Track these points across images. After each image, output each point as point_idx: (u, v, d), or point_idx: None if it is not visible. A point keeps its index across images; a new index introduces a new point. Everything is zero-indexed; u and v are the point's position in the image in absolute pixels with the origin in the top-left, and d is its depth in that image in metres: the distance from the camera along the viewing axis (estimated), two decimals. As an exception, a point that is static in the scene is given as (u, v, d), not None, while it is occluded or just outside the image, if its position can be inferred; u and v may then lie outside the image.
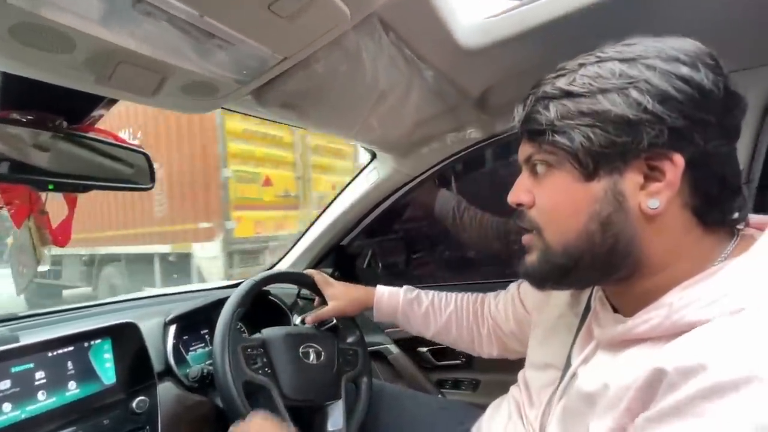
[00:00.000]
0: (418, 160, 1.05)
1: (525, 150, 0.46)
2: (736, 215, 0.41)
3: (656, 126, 0.37)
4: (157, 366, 0.79)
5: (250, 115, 0.70)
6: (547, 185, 0.44)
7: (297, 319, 1.15)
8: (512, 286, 0.78)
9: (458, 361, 1.22)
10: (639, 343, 0.40)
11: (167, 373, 0.82)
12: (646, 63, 0.38)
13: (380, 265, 1.52)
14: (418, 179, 1.13)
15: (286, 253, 1.35)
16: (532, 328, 0.65)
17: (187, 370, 0.82)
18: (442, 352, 1.23)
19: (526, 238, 0.48)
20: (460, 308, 0.82)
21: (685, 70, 0.37)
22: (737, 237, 0.41)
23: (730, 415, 0.29)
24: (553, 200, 0.44)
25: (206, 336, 0.97)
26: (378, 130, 0.75)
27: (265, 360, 0.75)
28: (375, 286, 0.88)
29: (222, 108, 0.62)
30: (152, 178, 0.71)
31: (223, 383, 0.68)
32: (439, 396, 1.21)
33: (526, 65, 0.70)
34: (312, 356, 0.80)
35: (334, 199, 1.26)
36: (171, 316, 0.89)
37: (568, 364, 0.50)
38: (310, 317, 0.87)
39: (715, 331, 0.33)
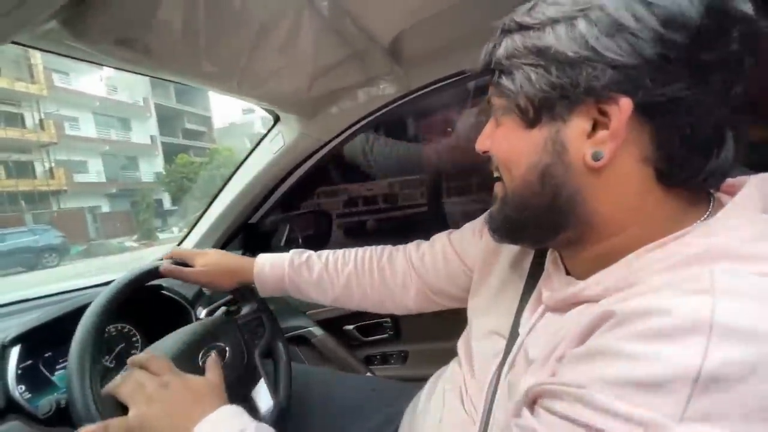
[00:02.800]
0: (327, 122, 0.91)
1: (489, 92, 0.42)
2: (706, 178, 0.34)
3: (597, 65, 0.32)
4: (-5, 403, 0.60)
5: (69, 57, 0.48)
6: (498, 132, 0.41)
7: (202, 313, 1.00)
8: (438, 238, 0.70)
9: (385, 335, 1.19)
10: (588, 303, 0.36)
11: (11, 409, 0.63)
12: None
13: (300, 240, 1.40)
14: (331, 144, 1.00)
15: (185, 237, 1.15)
16: (473, 290, 0.59)
17: (38, 404, 0.64)
18: (369, 327, 1.19)
19: (495, 185, 0.45)
20: (361, 266, 0.72)
21: None
22: (713, 202, 0.36)
23: (653, 360, 0.26)
24: (501, 148, 0.41)
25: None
26: (267, 81, 0.60)
27: None
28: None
29: (18, 43, 0.42)
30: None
31: (81, 406, 0.52)
32: (370, 375, 1.16)
33: (446, 3, 0.60)
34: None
35: (235, 171, 1.07)
36: (12, 336, 0.68)
37: (515, 334, 0.45)
38: (165, 263, 0.69)
39: (674, 285, 0.30)
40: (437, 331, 1.05)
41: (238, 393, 0.66)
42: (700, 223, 0.34)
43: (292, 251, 0.74)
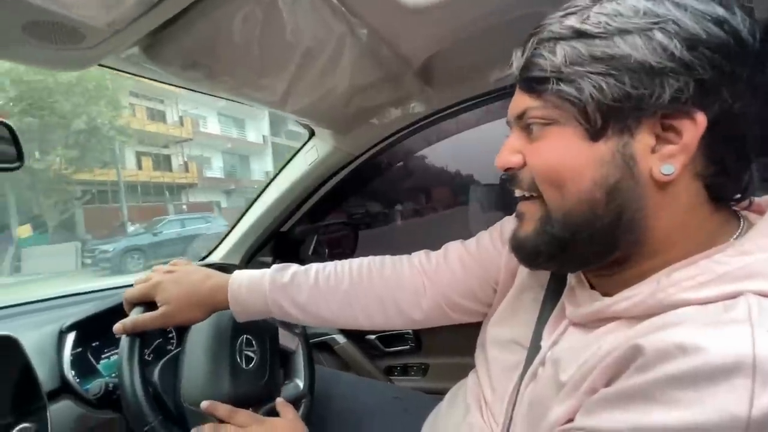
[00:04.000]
0: (359, 138, 0.97)
1: (520, 104, 0.39)
2: (743, 195, 0.36)
3: (682, 77, 0.31)
4: (50, 383, 0.66)
5: (143, 77, 0.56)
6: (544, 145, 0.37)
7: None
8: (451, 247, 0.63)
9: (407, 346, 1.20)
10: (614, 320, 0.36)
11: (65, 390, 0.69)
12: (675, 0, 0.32)
13: (327, 251, 1.44)
14: (361, 158, 1.06)
15: (219, 244, 1.22)
16: (496, 299, 0.58)
17: (89, 386, 0.70)
18: (391, 338, 1.21)
19: (523, 206, 0.42)
20: (358, 277, 0.61)
21: (721, 12, 0.31)
22: (744, 221, 0.36)
23: (692, 406, 0.25)
24: (550, 161, 0.37)
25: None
26: (308, 98, 0.66)
27: None
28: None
29: (103, 66, 0.49)
30: (20, 155, 0.56)
31: (131, 398, 0.57)
32: (393, 384, 1.18)
33: (475, 29, 0.64)
34: (247, 356, 0.70)
35: (271, 181, 1.14)
36: (69, 323, 0.75)
37: (537, 346, 0.45)
38: (119, 326, 0.59)
39: (704, 312, 0.30)
40: (459, 345, 1.05)
41: (271, 382, 0.70)
42: (732, 241, 0.34)
43: (272, 267, 0.61)
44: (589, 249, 0.37)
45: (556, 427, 0.35)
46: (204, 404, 0.58)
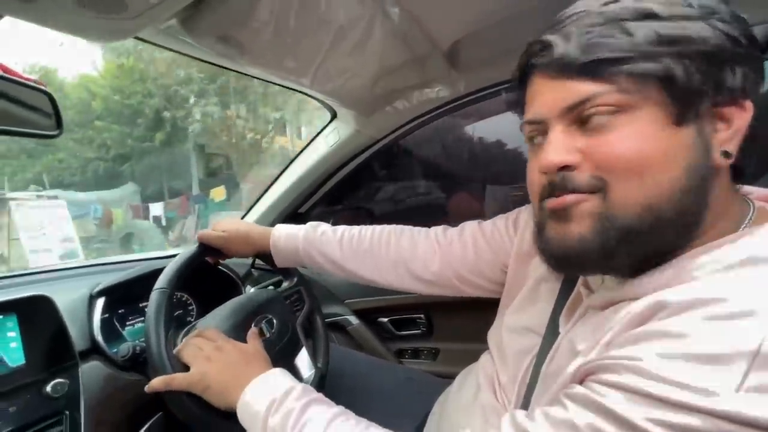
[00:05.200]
0: (382, 120, 0.96)
1: (574, 92, 0.35)
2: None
3: (746, 64, 0.33)
4: (81, 344, 0.69)
5: (176, 51, 0.57)
6: (616, 135, 0.34)
7: (251, 290, 1.08)
8: (467, 225, 0.67)
9: (418, 331, 1.22)
10: (635, 300, 0.36)
11: (94, 351, 0.73)
12: None
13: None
14: (382, 142, 1.06)
15: (249, 210, 1.23)
16: (507, 287, 0.60)
17: (117, 349, 0.73)
18: (403, 321, 1.22)
19: (567, 200, 0.36)
20: (378, 238, 0.70)
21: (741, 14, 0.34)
22: (753, 207, 0.37)
23: (711, 338, 0.27)
24: (633, 150, 0.33)
25: (146, 309, 0.88)
26: (337, 78, 0.66)
27: None
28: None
29: (139, 39, 0.50)
30: (59, 123, 0.58)
31: (156, 358, 0.60)
32: (405, 365, 1.20)
33: (507, 12, 0.63)
34: (265, 329, 0.73)
35: (291, 162, 1.15)
36: (99, 288, 0.79)
37: (555, 331, 0.46)
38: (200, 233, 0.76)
39: (727, 279, 0.31)
40: (470, 330, 1.06)
41: (283, 360, 0.71)
42: (754, 228, 0.34)
43: (308, 224, 0.75)
44: (675, 237, 0.35)
45: (569, 378, 0.36)
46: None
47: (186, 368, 0.58)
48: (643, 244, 0.35)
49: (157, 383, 0.56)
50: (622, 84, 0.33)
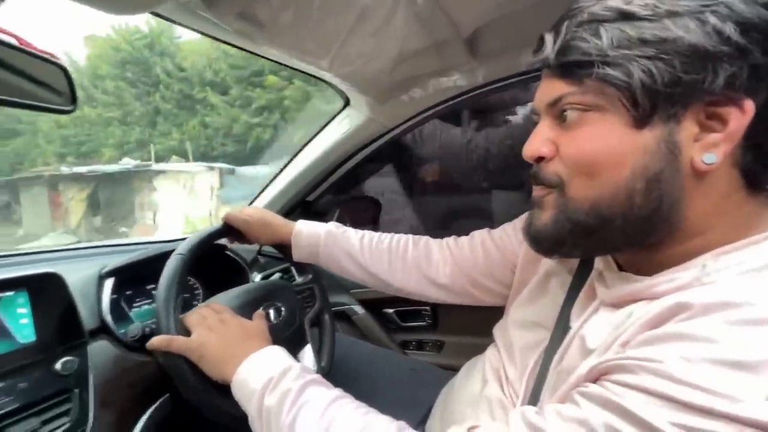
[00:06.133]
0: (396, 109, 0.95)
1: (553, 90, 0.37)
2: None
3: (736, 62, 0.30)
4: (90, 323, 0.69)
5: (193, 29, 0.55)
6: (581, 133, 0.36)
7: (257, 277, 1.08)
8: (477, 232, 0.70)
9: (423, 323, 1.22)
10: (651, 300, 0.35)
11: (103, 330, 0.72)
12: None
13: (348, 225, 1.45)
14: (394, 132, 1.04)
15: (257, 197, 1.23)
16: (515, 286, 0.61)
17: (126, 329, 0.73)
18: (408, 313, 1.22)
19: (538, 192, 0.41)
20: (396, 245, 0.72)
21: None
22: None
23: (738, 343, 0.27)
24: (589, 149, 0.35)
25: (153, 292, 0.87)
26: (356, 61, 0.65)
27: None
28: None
29: (155, 14, 0.49)
30: (74, 98, 0.57)
31: (164, 319, 0.60)
32: (409, 356, 1.20)
33: (529, 1, 0.62)
34: (273, 315, 0.73)
35: (302, 148, 1.14)
36: (108, 269, 0.79)
37: (565, 326, 0.45)
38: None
39: (752, 283, 0.30)
40: (475, 325, 1.05)
41: (295, 329, 0.73)
42: None
43: (331, 223, 0.77)
44: (622, 236, 0.37)
45: (582, 378, 0.35)
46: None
47: (189, 334, 0.59)
48: (591, 237, 0.38)
49: (157, 341, 0.57)
50: (589, 86, 0.35)
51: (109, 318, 0.73)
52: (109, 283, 0.77)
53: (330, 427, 0.42)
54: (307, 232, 0.75)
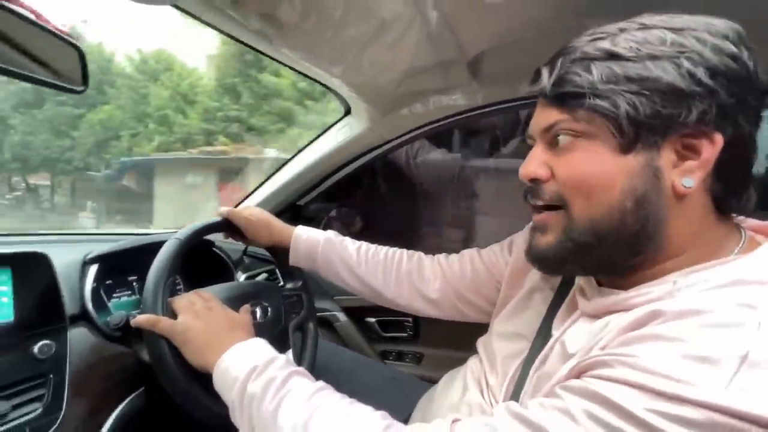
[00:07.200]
0: (395, 122, 0.98)
1: (547, 117, 0.42)
2: (743, 208, 0.41)
3: (706, 100, 0.35)
4: (70, 308, 0.67)
5: (211, 26, 0.57)
6: (573, 156, 0.40)
7: (242, 277, 1.07)
8: (467, 251, 0.74)
9: (405, 334, 1.22)
10: (628, 311, 0.39)
11: (83, 317, 0.70)
12: (695, 35, 0.36)
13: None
14: (392, 143, 1.07)
15: (242, 201, 1.23)
16: (500, 302, 0.63)
17: (108, 317, 0.71)
18: (390, 323, 1.23)
19: (542, 217, 0.44)
20: (391, 258, 0.75)
21: (733, 48, 0.36)
22: (744, 235, 0.41)
23: (705, 341, 0.30)
24: (582, 172, 0.40)
25: (134, 283, 0.86)
26: (367, 72, 0.67)
27: None
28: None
29: (177, 8, 0.50)
30: (85, 79, 0.58)
31: (151, 298, 0.60)
32: (390, 366, 1.20)
33: (533, 31, 0.67)
34: (259, 313, 0.73)
35: (298, 152, 1.16)
36: (93, 254, 0.77)
37: (546, 335, 0.48)
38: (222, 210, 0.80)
39: (718, 297, 0.34)
40: (456, 338, 1.06)
41: (281, 328, 0.73)
42: (743, 255, 0.37)
43: (330, 231, 0.79)
44: (615, 253, 0.41)
45: (563, 378, 0.38)
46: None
47: (174, 317, 0.59)
48: (591, 256, 0.41)
49: (142, 319, 0.57)
50: (581, 115, 0.39)
51: (90, 305, 0.71)
52: (92, 270, 0.75)
53: (313, 415, 0.43)
54: (306, 238, 0.77)
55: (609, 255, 0.41)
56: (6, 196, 13.36)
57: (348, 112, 1.02)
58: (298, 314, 0.80)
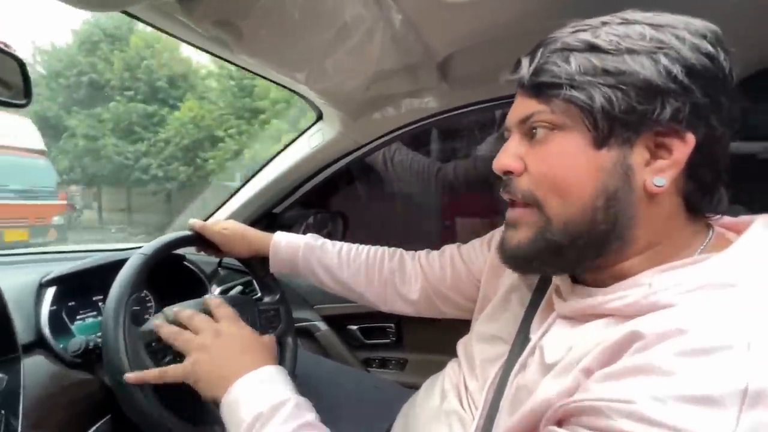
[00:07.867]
0: (368, 126, 0.97)
1: (525, 108, 0.41)
2: (715, 208, 0.40)
3: (681, 98, 0.35)
4: (24, 336, 0.63)
5: (165, 32, 0.54)
6: (548, 149, 0.40)
7: (216, 291, 1.04)
8: (447, 247, 0.73)
9: (387, 340, 1.21)
10: (605, 317, 0.38)
11: (39, 345, 0.66)
12: (675, 33, 0.36)
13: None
14: (366, 148, 1.06)
15: (213, 213, 1.19)
16: (480, 301, 0.62)
17: (69, 343, 0.67)
18: (372, 330, 1.21)
19: (516, 213, 0.43)
20: (373, 258, 0.75)
21: (710, 48, 0.36)
22: (713, 232, 0.41)
23: (699, 377, 0.28)
24: (555, 166, 0.39)
25: (99, 303, 0.81)
26: (332, 77, 0.66)
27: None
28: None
29: (128, 14, 0.47)
30: (28, 92, 0.54)
31: (115, 358, 0.56)
32: (373, 374, 1.18)
33: (500, 33, 0.66)
34: None
35: (272, 159, 1.13)
36: (50, 276, 0.73)
37: (525, 339, 0.47)
38: (192, 222, 0.77)
39: (695, 306, 0.33)
40: (439, 342, 1.06)
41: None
42: (713, 253, 0.36)
43: (308, 235, 0.78)
44: (583, 254, 0.40)
45: (545, 403, 0.36)
46: (170, 310, 0.61)
47: (153, 357, 0.56)
48: (561, 256, 0.41)
49: (151, 376, 0.54)
50: (557, 105, 0.38)
51: (47, 331, 0.67)
52: (50, 293, 0.71)
53: None
54: (285, 243, 0.75)
55: (579, 254, 0.40)
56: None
57: (320, 117, 1.00)
58: (275, 329, 0.77)
